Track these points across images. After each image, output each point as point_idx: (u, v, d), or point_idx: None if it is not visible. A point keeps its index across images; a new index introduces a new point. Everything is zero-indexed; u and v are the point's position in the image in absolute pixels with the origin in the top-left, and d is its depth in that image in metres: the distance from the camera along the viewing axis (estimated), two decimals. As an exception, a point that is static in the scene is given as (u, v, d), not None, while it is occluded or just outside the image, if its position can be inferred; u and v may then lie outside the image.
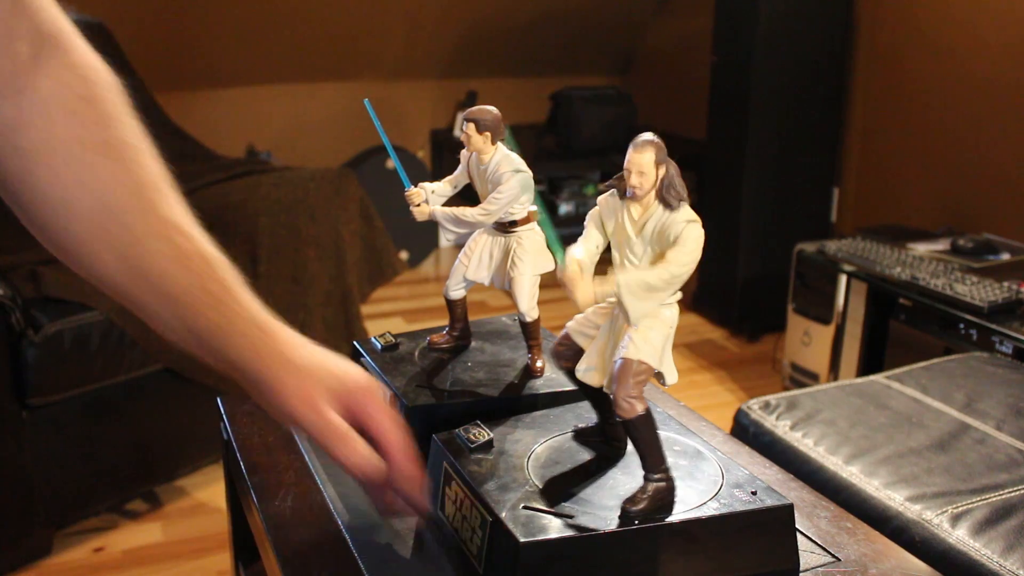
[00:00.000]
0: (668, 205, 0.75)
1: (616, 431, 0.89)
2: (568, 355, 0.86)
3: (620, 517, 0.76)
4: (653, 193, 0.75)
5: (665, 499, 0.78)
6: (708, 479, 0.83)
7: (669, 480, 0.79)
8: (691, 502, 0.79)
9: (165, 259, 0.69)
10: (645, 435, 0.77)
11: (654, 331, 0.76)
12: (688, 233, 0.74)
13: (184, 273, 0.70)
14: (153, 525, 2.04)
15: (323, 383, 0.72)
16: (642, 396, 0.76)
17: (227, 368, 0.73)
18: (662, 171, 0.74)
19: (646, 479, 0.78)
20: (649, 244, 0.76)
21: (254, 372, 0.71)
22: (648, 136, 0.74)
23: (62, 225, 0.68)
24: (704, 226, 0.77)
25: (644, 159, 0.73)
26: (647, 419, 0.76)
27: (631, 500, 0.77)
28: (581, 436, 0.91)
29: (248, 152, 3.76)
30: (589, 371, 0.84)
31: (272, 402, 0.72)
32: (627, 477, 0.84)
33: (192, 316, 0.70)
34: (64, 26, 0.70)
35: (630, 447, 0.90)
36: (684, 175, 0.76)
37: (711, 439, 1.07)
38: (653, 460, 0.78)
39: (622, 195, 0.76)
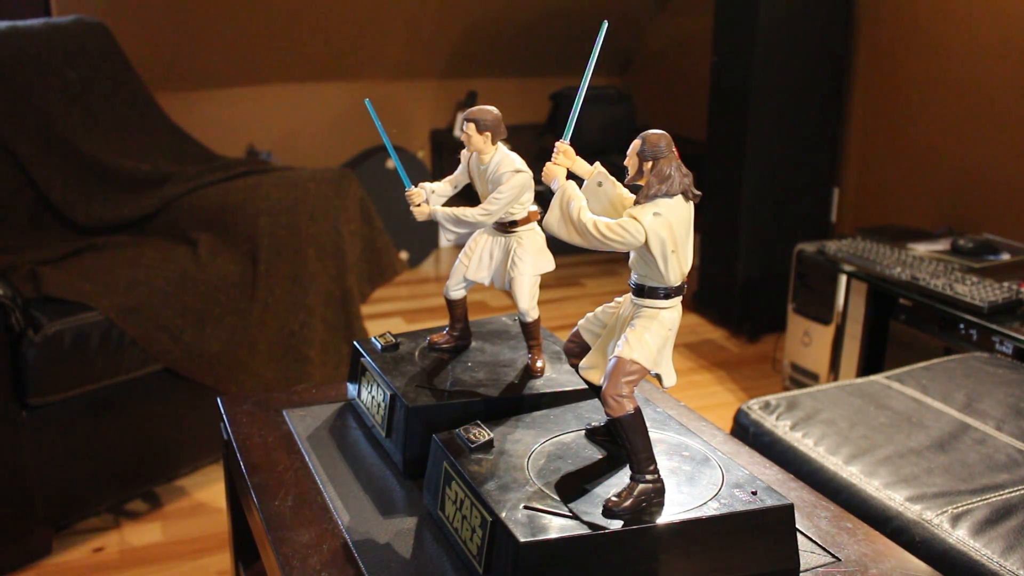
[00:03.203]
0: (647, 199, 0.76)
1: None
2: (577, 352, 0.87)
3: (603, 514, 0.76)
4: (646, 186, 0.76)
5: (651, 500, 0.78)
6: (708, 479, 0.83)
7: (657, 482, 0.79)
8: (691, 502, 0.79)
9: None
10: (633, 435, 0.77)
11: (650, 332, 0.76)
12: (627, 222, 0.75)
13: None
14: (153, 525, 2.04)
15: None
16: (632, 396, 0.76)
17: None
18: (647, 165, 0.75)
19: (633, 479, 0.78)
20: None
21: None
22: (648, 131, 0.76)
23: None
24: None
25: (629, 148, 0.76)
26: (636, 419, 0.76)
27: (616, 498, 0.77)
28: (591, 435, 0.91)
29: (248, 152, 3.77)
30: (589, 368, 0.84)
31: None
32: (628, 478, 0.84)
33: None
34: None
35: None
36: (684, 175, 0.77)
37: (711, 439, 1.07)
38: (640, 460, 0.78)
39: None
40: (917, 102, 2.93)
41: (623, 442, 0.78)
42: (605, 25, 0.79)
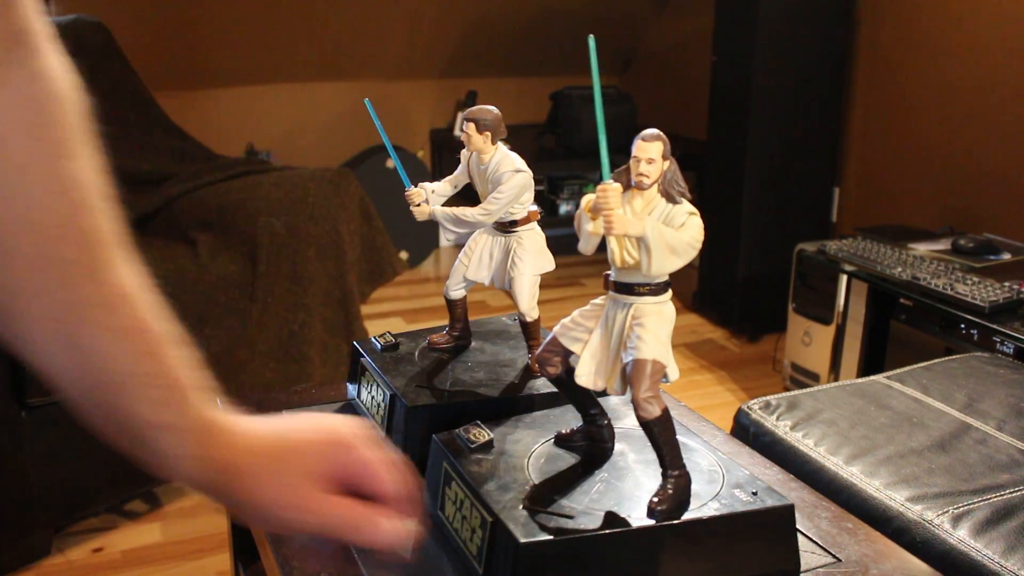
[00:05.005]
0: (671, 198, 0.75)
1: (600, 433, 0.88)
2: (555, 361, 0.82)
3: (647, 515, 0.76)
4: (657, 186, 0.75)
5: (685, 493, 0.78)
6: (709, 479, 0.83)
7: (686, 475, 0.79)
8: (692, 502, 0.79)
9: (108, 333, 0.56)
10: (664, 434, 0.76)
11: (662, 329, 0.76)
12: (692, 222, 0.75)
13: (127, 355, 0.57)
14: (152, 525, 2.04)
15: (305, 464, 0.60)
16: (659, 395, 0.75)
17: (180, 479, 0.60)
18: (667, 164, 0.75)
19: (666, 477, 0.78)
20: None
21: (214, 480, 0.58)
22: (655, 130, 0.75)
23: None
24: (705, 226, 0.77)
25: (653, 148, 0.74)
26: (666, 418, 0.76)
27: (658, 499, 0.76)
28: (563, 441, 0.89)
29: (248, 152, 3.76)
30: (592, 375, 0.81)
31: (254, 512, 0.59)
32: (626, 477, 0.84)
33: (128, 408, 0.59)
34: (34, 24, 0.56)
35: (617, 446, 0.89)
36: (684, 175, 0.77)
37: (711, 439, 1.07)
38: (673, 458, 0.78)
39: (626, 187, 0.76)
40: (917, 102, 2.93)
41: (654, 442, 0.77)
42: (592, 41, 0.77)
